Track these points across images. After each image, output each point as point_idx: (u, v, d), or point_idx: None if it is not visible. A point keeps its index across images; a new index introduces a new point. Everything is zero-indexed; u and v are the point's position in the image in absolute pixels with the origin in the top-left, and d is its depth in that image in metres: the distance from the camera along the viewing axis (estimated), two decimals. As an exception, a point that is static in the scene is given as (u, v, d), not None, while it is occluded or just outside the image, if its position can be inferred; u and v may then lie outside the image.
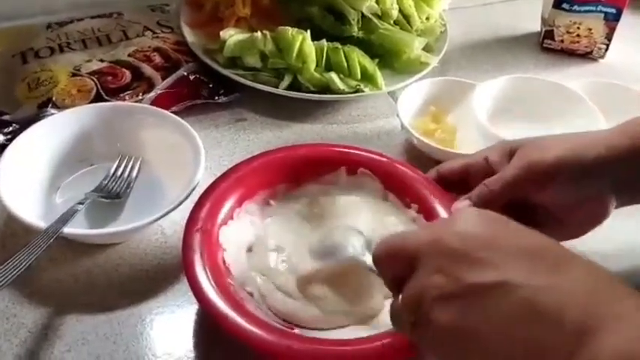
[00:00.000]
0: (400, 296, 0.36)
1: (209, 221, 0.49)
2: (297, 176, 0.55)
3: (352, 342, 0.43)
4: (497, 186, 0.48)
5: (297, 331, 0.46)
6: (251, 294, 0.48)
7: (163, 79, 0.69)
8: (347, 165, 0.56)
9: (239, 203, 0.52)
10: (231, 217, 0.51)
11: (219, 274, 0.46)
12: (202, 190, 0.52)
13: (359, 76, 0.71)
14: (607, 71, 0.82)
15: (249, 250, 0.51)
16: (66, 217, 0.49)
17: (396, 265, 0.36)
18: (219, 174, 0.54)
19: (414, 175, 0.55)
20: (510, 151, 0.50)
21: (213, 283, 0.45)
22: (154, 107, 0.62)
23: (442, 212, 0.52)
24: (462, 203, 0.49)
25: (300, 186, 0.56)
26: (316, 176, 0.56)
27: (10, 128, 0.61)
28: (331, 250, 0.49)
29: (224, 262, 0.48)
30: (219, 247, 0.48)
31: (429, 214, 0.52)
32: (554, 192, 0.47)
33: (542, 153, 0.47)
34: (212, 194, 0.51)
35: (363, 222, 0.52)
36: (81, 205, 0.52)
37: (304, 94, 0.69)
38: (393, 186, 0.55)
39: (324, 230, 0.52)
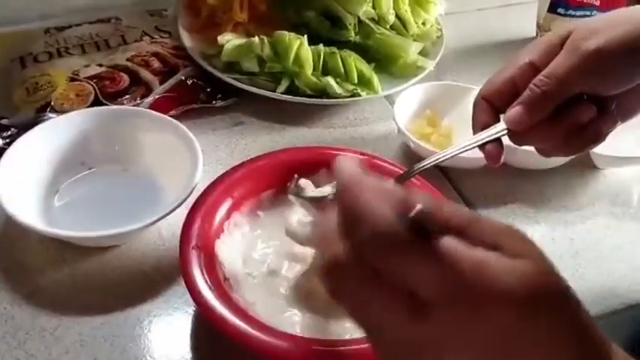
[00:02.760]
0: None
1: (203, 238, 0.49)
2: (280, 182, 0.56)
3: (351, 342, 0.43)
4: (550, 86, 0.41)
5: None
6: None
7: (161, 83, 0.69)
8: (327, 166, 0.57)
9: (227, 215, 0.53)
10: (222, 231, 0.52)
11: (217, 279, 0.47)
12: (197, 196, 0.52)
13: (356, 81, 0.71)
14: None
15: (245, 265, 0.51)
16: None
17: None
18: (216, 177, 0.55)
19: (395, 169, 0.56)
20: (558, 44, 0.43)
21: (211, 286, 0.45)
22: (153, 111, 0.62)
23: None
24: (515, 112, 0.43)
25: (284, 192, 0.57)
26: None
27: (9, 132, 0.62)
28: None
29: (225, 278, 0.48)
30: (217, 263, 0.49)
31: None
32: (617, 79, 0.42)
33: (597, 39, 0.40)
34: (202, 208, 0.51)
35: None
36: None
37: (301, 98, 0.70)
38: None
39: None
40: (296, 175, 0.51)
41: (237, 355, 0.44)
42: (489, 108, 0.46)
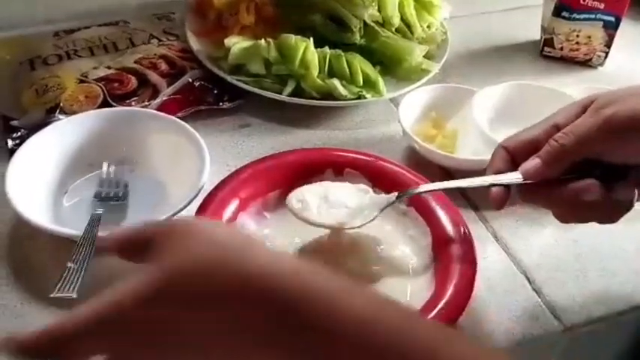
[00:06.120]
0: None
1: None
2: (287, 182, 0.57)
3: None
4: (568, 140, 0.44)
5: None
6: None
7: (169, 85, 0.70)
8: (333, 167, 0.58)
9: (234, 216, 0.53)
10: None
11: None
12: (204, 197, 0.53)
13: (361, 83, 0.72)
14: (606, 79, 0.83)
15: None
16: (94, 223, 0.51)
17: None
18: (223, 178, 0.55)
19: (401, 171, 0.58)
20: (581, 110, 0.46)
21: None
22: (160, 113, 0.63)
23: (432, 203, 0.54)
24: (532, 162, 0.45)
25: (290, 192, 0.57)
26: (305, 181, 0.58)
27: (19, 133, 0.63)
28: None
29: None
30: None
31: (419, 205, 0.55)
32: (631, 147, 0.44)
33: (617, 106, 0.44)
34: (209, 208, 0.52)
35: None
36: (100, 210, 0.54)
37: (307, 100, 0.70)
38: (381, 182, 0.57)
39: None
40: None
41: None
42: (507, 158, 0.48)
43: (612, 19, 0.81)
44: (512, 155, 0.47)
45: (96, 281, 0.50)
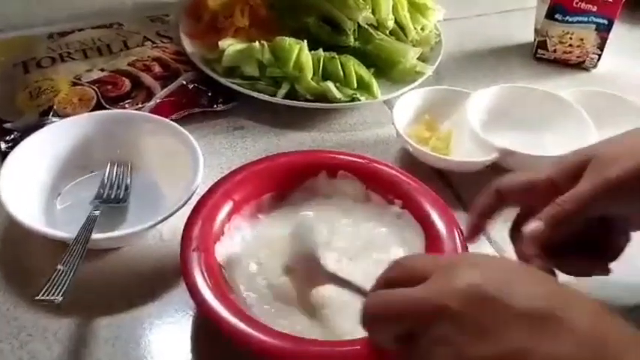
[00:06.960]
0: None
1: (204, 240, 0.49)
2: (280, 185, 0.57)
3: (350, 342, 0.43)
4: (572, 205, 0.44)
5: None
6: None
7: (163, 88, 0.70)
8: (327, 169, 0.58)
9: (228, 218, 0.53)
10: (223, 233, 0.52)
11: (217, 281, 0.47)
12: (197, 200, 0.53)
13: (355, 85, 0.72)
14: (599, 81, 0.83)
15: (245, 267, 0.52)
16: (89, 225, 0.51)
17: (391, 326, 0.35)
18: (216, 180, 0.55)
19: (394, 173, 0.58)
20: (579, 166, 0.46)
21: (211, 287, 0.46)
22: (154, 115, 0.63)
23: (426, 205, 0.54)
24: (534, 225, 0.45)
25: (284, 194, 0.58)
26: (299, 183, 0.58)
27: (12, 136, 0.63)
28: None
29: (225, 280, 0.49)
30: (217, 265, 0.49)
31: (413, 207, 0.55)
32: (633, 205, 0.44)
33: (619, 165, 0.43)
34: (203, 210, 0.52)
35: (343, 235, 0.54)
36: (97, 212, 0.53)
37: (301, 102, 0.70)
38: (375, 185, 0.57)
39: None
40: None
41: (237, 356, 0.44)
42: (497, 197, 0.49)
43: (605, 21, 0.82)
44: (502, 194, 0.48)
45: (85, 284, 0.51)
